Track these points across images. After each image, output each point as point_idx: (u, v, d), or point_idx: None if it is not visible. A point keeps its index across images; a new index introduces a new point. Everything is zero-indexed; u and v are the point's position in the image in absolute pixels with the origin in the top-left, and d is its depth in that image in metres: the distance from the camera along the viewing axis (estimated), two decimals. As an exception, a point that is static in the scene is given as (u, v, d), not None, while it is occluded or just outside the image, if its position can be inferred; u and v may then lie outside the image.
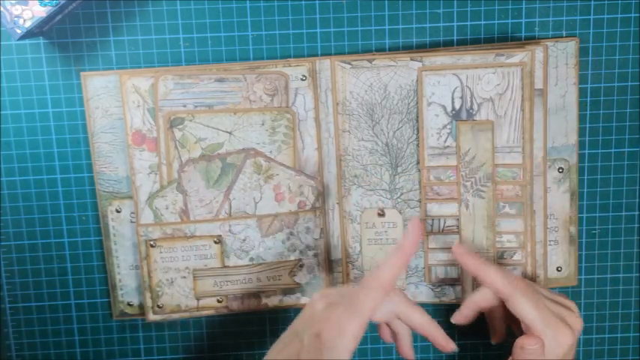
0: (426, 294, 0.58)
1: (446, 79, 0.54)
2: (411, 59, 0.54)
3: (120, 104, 0.55)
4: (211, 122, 0.55)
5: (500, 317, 0.54)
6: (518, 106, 0.53)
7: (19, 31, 0.50)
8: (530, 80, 0.53)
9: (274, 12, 0.56)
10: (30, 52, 0.56)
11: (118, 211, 0.57)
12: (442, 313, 0.61)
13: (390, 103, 0.55)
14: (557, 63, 0.56)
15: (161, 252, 0.56)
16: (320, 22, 0.56)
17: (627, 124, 0.58)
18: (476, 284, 0.56)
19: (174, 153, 0.55)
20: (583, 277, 0.60)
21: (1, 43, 0.56)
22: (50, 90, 0.57)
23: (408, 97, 0.55)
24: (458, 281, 0.57)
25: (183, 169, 0.55)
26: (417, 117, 0.55)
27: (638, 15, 0.56)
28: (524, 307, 0.49)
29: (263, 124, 0.55)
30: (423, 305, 0.61)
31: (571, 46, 0.55)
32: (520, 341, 0.48)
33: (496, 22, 0.56)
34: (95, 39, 0.56)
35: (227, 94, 0.54)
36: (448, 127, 0.55)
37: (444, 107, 0.54)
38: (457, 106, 0.54)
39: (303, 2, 0.56)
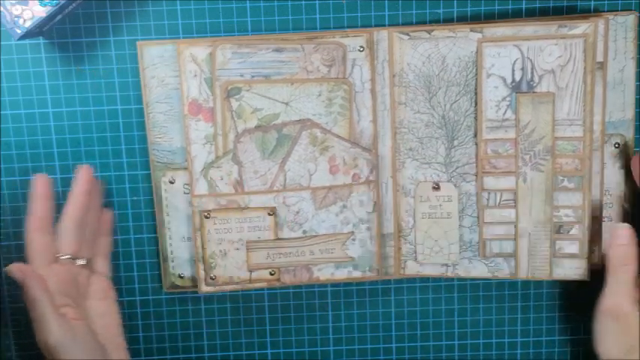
0: (479, 269, 0.58)
1: (506, 51, 0.53)
2: (471, 30, 0.53)
3: (176, 74, 0.55)
4: (268, 92, 0.54)
5: None
6: (580, 79, 0.53)
7: (19, 31, 0.49)
8: (593, 52, 0.52)
9: (274, 12, 0.56)
10: (30, 52, 0.56)
11: (171, 182, 0.57)
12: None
13: (448, 75, 0.55)
14: (617, 37, 0.55)
15: (215, 223, 0.56)
16: (320, 22, 0.56)
17: (687, 98, 0.57)
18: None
19: (231, 123, 0.55)
20: (637, 254, 0.60)
21: (1, 43, 0.55)
22: (50, 90, 0.56)
23: (466, 68, 0.54)
24: (513, 256, 0.57)
25: (239, 139, 0.55)
26: (476, 89, 0.54)
27: (700, -13, 0.55)
28: None
29: (320, 95, 0.55)
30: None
31: (630, 20, 0.55)
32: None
33: (553, -6, 0.55)
34: (95, 39, 0.56)
35: (284, 65, 0.54)
36: (507, 99, 0.54)
37: (504, 79, 0.54)
38: (517, 78, 0.54)
39: (303, 2, 0.56)
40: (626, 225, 0.54)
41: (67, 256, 0.53)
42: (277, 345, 0.62)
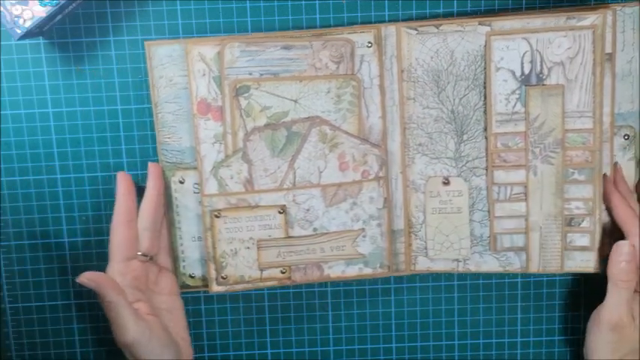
0: (491, 264, 0.57)
1: (515, 44, 0.53)
2: (479, 24, 0.53)
3: (184, 73, 0.54)
4: (277, 90, 0.54)
5: None
6: (590, 70, 0.53)
7: (19, 31, 0.49)
8: (602, 44, 0.52)
9: (274, 12, 0.56)
10: (30, 52, 0.56)
11: (181, 182, 0.57)
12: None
13: (457, 70, 0.55)
14: (625, 28, 0.55)
15: (225, 222, 0.56)
16: (320, 22, 0.56)
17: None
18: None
19: (240, 122, 0.54)
20: (648, 245, 0.60)
21: (1, 43, 0.55)
22: (50, 90, 0.56)
23: (475, 62, 0.54)
24: (524, 249, 0.56)
25: (248, 138, 0.55)
26: (485, 83, 0.54)
27: None
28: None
29: (328, 92, 0.55)
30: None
31: (637, 11, 0.55)
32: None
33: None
34: (95, 39, 0.56)
35: (293, 62, 0.54)
36: (517, 92, 0.54)
37: (513, 72, 0.54)
38: (526, 71, 0.54)
39: (303, 2, 0.56)
40: (628, 242, 0.54)
41: (141, 253, 0.54)
42: (277, 345, 0.62)
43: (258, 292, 0.61)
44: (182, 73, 0.54)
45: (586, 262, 0.56)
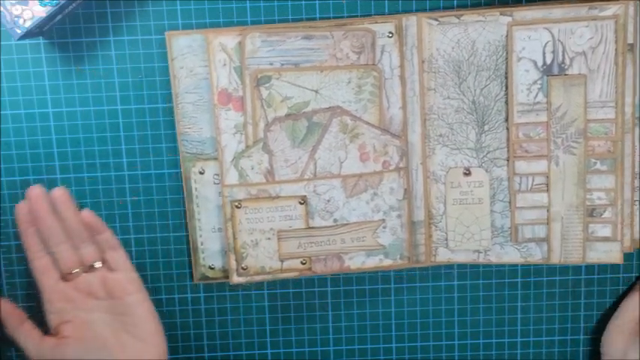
0: (512, 255, 0.57)
1: (537, 34, 0.53)
2: (501, 14, 0.53)
3: (205, 64, 0.54)
4: (298, 80, 0.54)
5: None
6: (612, 60, 0.53)
7: (19, 31, 0.49)
8: (624, 34, 0.52)
9: (274, 12, 0.56)
10: (30, 52, 0.56)
11: (201, 173, 0.57)
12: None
13: (478, 60, 0.54)
14: (645, 18, 0.55)
15: (246, 213, 0.56)
16: None
17: None
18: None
19: (261, 112, 0.54)
20: (669, 237, 0.60)
21: (1, 43, 0.55)
22: (50, 90, 0.56)
23: (496, 52, 0.54)
24: (545, 240, 0.56)
25: (269, 128, 0.55)
26: (506, 73, 0.54)
27: None
28: None
29: (349, 83, 0.55)
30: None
31: (659, 2, 0.55)
32: None
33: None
34: (95, 39, 0.56)
35: (314, 52, 0.54)
36: (539, 82, 0.54)
37: (535, 62, 0.54)
38: (548, 61, 0.53)
39: (303, 2, 0.55)
40: None
41: (75, 270, 0.54)
42: (277, 345, 0.62)
43: (258, 291, 0.61)
44: (202, 63, 0.54)
45: (608, 254, 0.56)
